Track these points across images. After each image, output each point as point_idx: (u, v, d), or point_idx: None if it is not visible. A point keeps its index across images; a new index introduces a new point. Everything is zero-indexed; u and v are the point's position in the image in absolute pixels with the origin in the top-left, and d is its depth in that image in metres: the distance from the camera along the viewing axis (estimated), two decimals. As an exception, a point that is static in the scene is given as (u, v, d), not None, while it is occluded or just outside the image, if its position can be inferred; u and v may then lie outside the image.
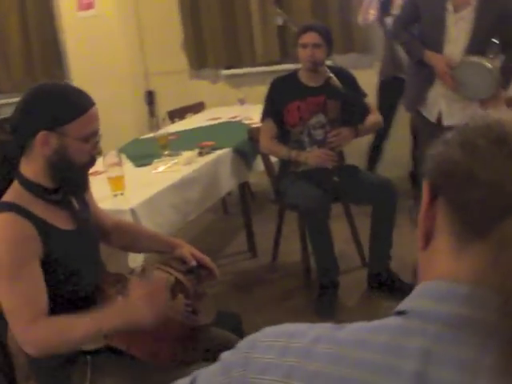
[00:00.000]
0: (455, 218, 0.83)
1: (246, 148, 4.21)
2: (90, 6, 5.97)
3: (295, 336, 0.87)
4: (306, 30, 3.78)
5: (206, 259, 2.28)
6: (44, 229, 1.84)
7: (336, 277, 3.75)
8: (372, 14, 4.75)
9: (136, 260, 2.84)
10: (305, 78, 3.87)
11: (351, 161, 4.09)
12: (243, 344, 0.92)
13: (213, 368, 0.94)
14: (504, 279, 0.74)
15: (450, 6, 3.60)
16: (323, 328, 0.87)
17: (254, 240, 4.51)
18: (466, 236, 0.82)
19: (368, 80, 4.51)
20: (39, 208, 1.87)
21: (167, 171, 3.56)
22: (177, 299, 2.03)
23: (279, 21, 4.78)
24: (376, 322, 0.84)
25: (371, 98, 4.16)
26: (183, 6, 5.81)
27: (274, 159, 4.23)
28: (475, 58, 3.60)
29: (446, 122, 3.82)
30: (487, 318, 0.75)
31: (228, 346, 1.03)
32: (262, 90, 5.54)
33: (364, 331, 0.83)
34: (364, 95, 3.98)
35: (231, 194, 4.96)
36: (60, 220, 1.94)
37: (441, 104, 3.82)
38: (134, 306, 1.82)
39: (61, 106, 1.83)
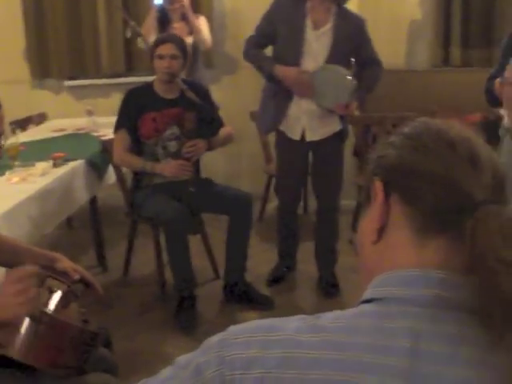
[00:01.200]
0: (414, 214, 0.90)
1: (98, 160, 4.12)
2: None
3: (273, 330, 0.88)
4: (164, 41, 3.78)
5: (88, 275, 2.20)
6: None
7: (194, 289, 3.74)
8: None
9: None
10: (160, 90, 3.86)
11: (206, 174, 4.11)
12: (210, 345, 0.92)
13: (170, 373, 0.94)
14: (468, 266, 0.80)
15: (309, 23, 3.64)
16: (298, 320, 0.89)
17: (104, 254, 4.40)
18: (426, 230, 0.89)
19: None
20: None
21: (23, 183, 3.41)
22: (70, 307, 1.95)
23: (128, 33, 4.72)
24: (351, 310, 0.88)
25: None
26: (27, 12, 5.55)
27: (125, 171, 4.18)
28: (331, 65, 3.67)
29: (308, 138, 3.83)
30: (463, 298, 0.82)
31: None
32: (107, 102, 5.51)
33: (344, 318, 0.86)
34: (217, 108, 4.04)
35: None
36: None
37: (303, 120, 3.80)
38: (5, 303, 1.67)
39: None
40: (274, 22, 3.71)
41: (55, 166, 3.73)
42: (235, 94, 5.11)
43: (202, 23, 5.00)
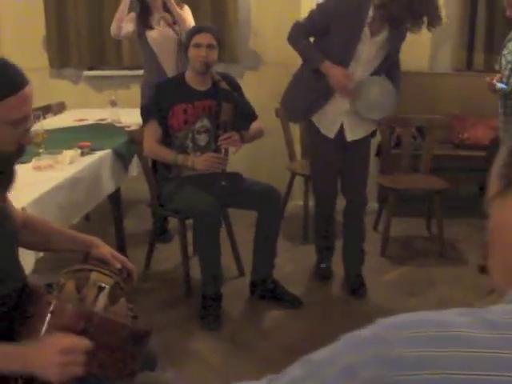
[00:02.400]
0: None
1: (124, 151, 4.04)
2: None
3: (443, 325, 0.78)
4: (201, 30, 3.71)
5: (127, 261, 2.11)
6: None
7: (220, 287, 3.66)
8: (125, 27, 4.67)
9: (28, 264, 2.59)
10: (192, 81, 3.78)
11: (232, 168, 4.02)
12: (360, 340, 0.81)
13: (304, 372, 0.83)
14: None
15: (367, 31, 3.55)
16: (462, 315, 0.80)
17: (125, 248, 4.31)
18: None
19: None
20: None
21: (51, 170, 3.32)
22: (119, 303, 1.86)
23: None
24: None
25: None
26: (47, 0, 5.49)
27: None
28: (381, 79, 3.66)
29: (349, 138, 3.78)
30: None
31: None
32: (127, 93, 5.42)
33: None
34: (248, 102, 3.96)
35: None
36: None
37: (342, 119, 3.74)
38: (45, 361, 1.53)
39: None
40: (331, 19, 3.55)
41: (83, 154, 3.65)
42: (259, 90, 5.03)
43: (187, 13, 4.74)
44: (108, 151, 3.87)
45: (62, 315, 1.67)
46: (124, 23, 4.63)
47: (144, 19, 4.63)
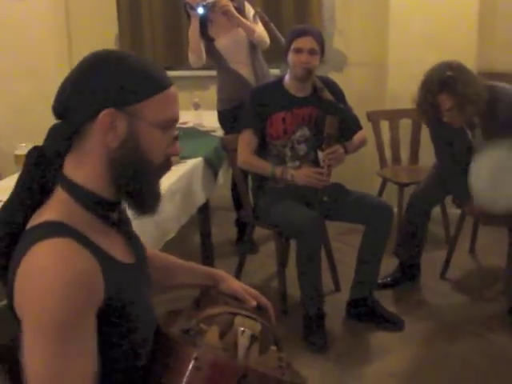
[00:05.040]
0: None
1: (214, 158, 3.84)
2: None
3: None
4: (302, 33, 3.46)
5: (261, 296, 1.87)
6: (106, 264, 1.31)
7: (322, 306, 3.44)
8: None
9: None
10: (292, 88, 3.56)
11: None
12: None
13: None
14: None
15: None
16: None
17: (213, 262, 4.10)
18: None
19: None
20: (95, 231, 1.34)
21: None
22: (269, 352, 1.63)
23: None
24: None
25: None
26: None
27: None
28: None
29: None
30: None
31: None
32: (205, 94, 5.21)
33: None
34: (351, 110, 3.71)
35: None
36: (118, 249, 1.42)
37: None
38: None
39: (133, 76, 1.32)
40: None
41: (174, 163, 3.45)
42: (346, 92, 4.79)
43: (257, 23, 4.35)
44: (199, 159, 3.68)
45: (211, 371, 1.45)
46: (201, 50, 4.30)
47: (203, 31, 4.27)
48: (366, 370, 3.16)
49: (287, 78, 3.58)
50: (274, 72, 4.87)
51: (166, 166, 1.44)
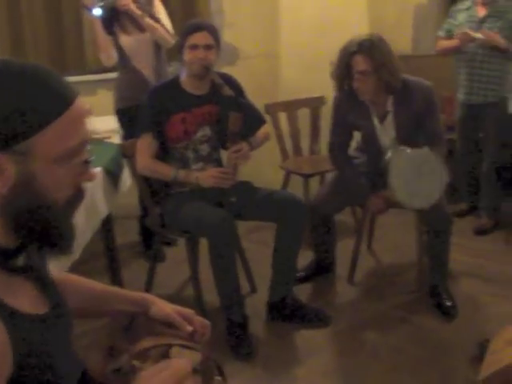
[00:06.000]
0: None
1: (113, 167, 3.61)
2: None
3: None
4: (196, 28, 3.30)
5: (197, 317, 1.70)
6: (11, 322, 1.09)
7: (244, 309, 3.31)
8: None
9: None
10: (189, 86, 3.41)
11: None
12: None
13: None
14: None
15: (375, 121, 3.54)
16: None
17: (121, 276, 3.88)
18: None
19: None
20: None
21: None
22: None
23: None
24: None
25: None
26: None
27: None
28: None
29: None
30: None
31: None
32: (93, 100, 4.95)
33: None
34: (252, 104, 3.59)
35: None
36: (26, 299, 1.19)
37: None
38: None
39: (18, 103, 1.05)
40: (347, 122, 3.61)
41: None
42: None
43: (161, 12, 4.25)
44: (97, 170, 3.44)
45: None
46: (110, 49, 4.15)
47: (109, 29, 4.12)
48: (297, 371, 3.05)
49: (184, 76, 3.42)
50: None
51: (78, 197, 1.21)
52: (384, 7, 4.90)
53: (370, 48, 3.28)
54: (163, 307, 1.62)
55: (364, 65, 3.30)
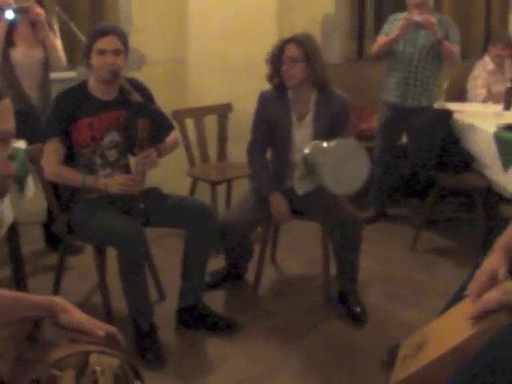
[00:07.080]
0: None
1: (19, 172, 3.50)
2: None
3: None
4: (104, 33, 3.23)
5: (105, 325, 1.70)
6: None
7: (153, 319, 3.28)
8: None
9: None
10: (96, 91, 3.35)
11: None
12: None
13: None
14: None
15: (294, 118, 3.62)
16: None
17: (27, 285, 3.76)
18: None
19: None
20: None
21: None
22: None
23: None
24: None
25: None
26: None
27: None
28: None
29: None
30: None
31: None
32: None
33: None
34: (160, 110, 3.56)
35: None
36: None
37: None
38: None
39: None
40: (268, 120, 3.66)
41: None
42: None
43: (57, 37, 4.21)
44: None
45: None
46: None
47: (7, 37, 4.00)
48: (209, 379, 3.04)
49: (91, 80, 3.36)
50: (71, 75, 4.63)
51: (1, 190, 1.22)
52: (293, 17, 4.98)
53: (303, 39, 3.49)
54: (75, 314, 1.61)
55: (295, 51, 3.47)
